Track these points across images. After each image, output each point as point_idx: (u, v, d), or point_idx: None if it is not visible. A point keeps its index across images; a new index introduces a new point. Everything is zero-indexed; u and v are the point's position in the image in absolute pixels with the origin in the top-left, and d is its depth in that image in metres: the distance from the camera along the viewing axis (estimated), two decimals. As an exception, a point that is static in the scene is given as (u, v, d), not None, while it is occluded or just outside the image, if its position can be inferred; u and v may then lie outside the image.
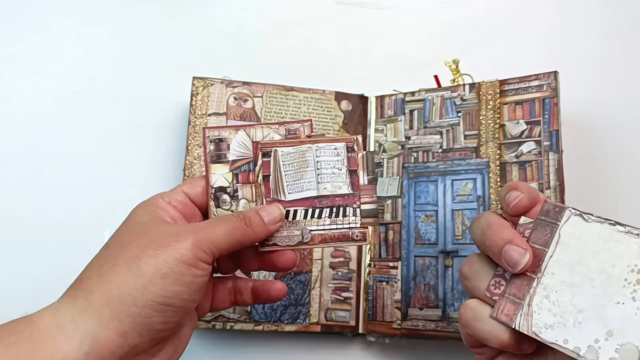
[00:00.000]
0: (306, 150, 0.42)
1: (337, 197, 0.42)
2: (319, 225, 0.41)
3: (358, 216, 0.42)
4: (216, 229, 0.36)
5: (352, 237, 0.41)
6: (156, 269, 0.33)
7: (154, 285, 0.32)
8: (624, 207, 0.59)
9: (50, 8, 0.66)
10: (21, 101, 0.63)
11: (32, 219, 0.59)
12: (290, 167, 0.42)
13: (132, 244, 0.34)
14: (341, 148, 0.42)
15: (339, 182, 0.42)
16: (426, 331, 0.54)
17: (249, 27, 0.67)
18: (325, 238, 0.41)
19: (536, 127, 0.54)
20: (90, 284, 0.33)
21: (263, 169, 0.42)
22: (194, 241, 0.34)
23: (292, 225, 0.41)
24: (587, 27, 0.66)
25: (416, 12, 0.68)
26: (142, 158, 0.62)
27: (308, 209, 0.42)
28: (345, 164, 0.42)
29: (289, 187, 0.42)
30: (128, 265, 0.33)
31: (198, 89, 0.58)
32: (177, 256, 0.33)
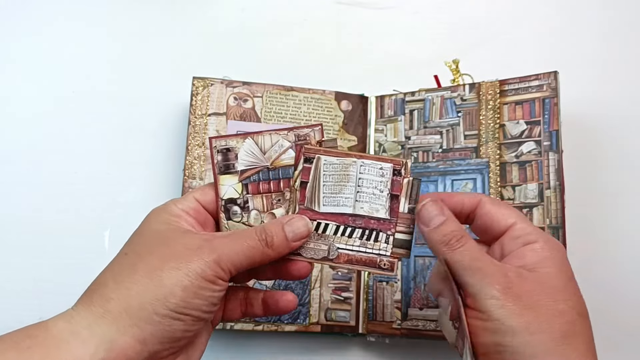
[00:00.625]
0: (350, 165, 0.40)
1: (373, 220, 0.40)
2: (347, 245, 0.40)
3: (390, 244, 0.40)
4: (237, 248, 0.36)
5: (379, 265, 0.40)
6: (178, 281, 0.33)
7: (175, 296, 0.33)
8: (624, 207, 0.59)
9: (50, 8, 0.66)
10: (21, 101, 0.63)
11: (32, 219, 0.59)
12: (331, 178, 0.41)
13: (152, 254, 0.35)
14: (387, 169, 0.40)
15: (377, 205, 0.40)
16: (426, 331, 0.54)
17: (249, 27, 0.67)
18: (351, 259, 0.40)
19: (536, 127, 0.54)
20: (107, 291, 0.34)
21: (302, 175, 0.41)
22: (215, 259, 0.34)
23: (320, 239, 0.40)
24: (587, 27, 0.66)
25: (416, 12, 0.68)
26: (142, 158, 0.62)
27: (340, 226, 0.40)
28: (388, 187, 0.40)
29: (325, 198, 0.40)
30: (149, 275, 0.34)
31: (198, 89, 0.58)
32: (198, 271, 0.34)
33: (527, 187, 0.53)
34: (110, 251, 0.59)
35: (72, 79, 0.64)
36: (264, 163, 0.39)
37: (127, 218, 0.60)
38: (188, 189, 0.56)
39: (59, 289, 0.58)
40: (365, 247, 0.40)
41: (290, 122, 0.59)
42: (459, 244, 0.37)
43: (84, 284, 0.59)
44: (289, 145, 0.39)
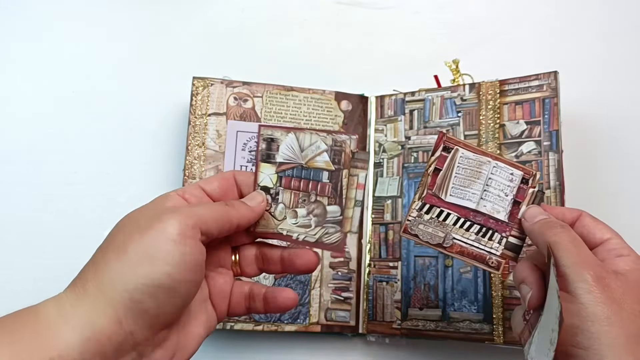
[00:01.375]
0: (484, 163, 0.43)
1: (492, 220, 0.43)
2: (463, 237, 0.42)
3: (502, 245, 0.42)
4: (200, 207, 0.36)
5: (487, 262, 0.42)
6: (143, 251, 0.32)
7: (142, 267, 0.32)
8: (624, 207, 0.59)
9: (50, 8, 0.66)
10: (21, 101, 0.63)
11: (32, 219, 0.59)
12: (463, 171, 0.43)
13: (119, 232, 0.35)
14: (517, 176, 0.43)
15: (499, 206, 0.42)
16: (426, 331, 0.54)
17: (249, 27, 0.67)
18: (463, 251, 0.42)
19: (536, 127, 0.54)
20: (87, 273, 0.34)
21: (438, 162, 0.43)
22: (178, 218, 0.33)
23: (439, 226, 0.43)
24: (587, 27, 0.66)
25: (416, 12, 0.68)
26: (142, 158, 0.62)
27: (460, 218, 0.43)
28: (514, 193, 0.42)
29: (453, 189, 0.43)
30: (116, 252, 0.33)
31: (198, 89, 0.58)
32: (162, 236, 0.33)
33: (527, 187, 0.53)
34: (110, 251, 0.59)
35: (72, 79, 0.64)
36: (300, 160, 0.40)
37: (127, 218, 0.60)
38: (188, 189, 0.56)
39: (59, 289, 0.58)
40: (479, 242, 0.42)
41: (290, 122, 0.59)
42: (562, 230, 0.39)
43: (84, 284, 0.59)
44: (324, 148, 0.40)
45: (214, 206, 0.37)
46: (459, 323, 0.53)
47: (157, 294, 0.32)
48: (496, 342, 0.51)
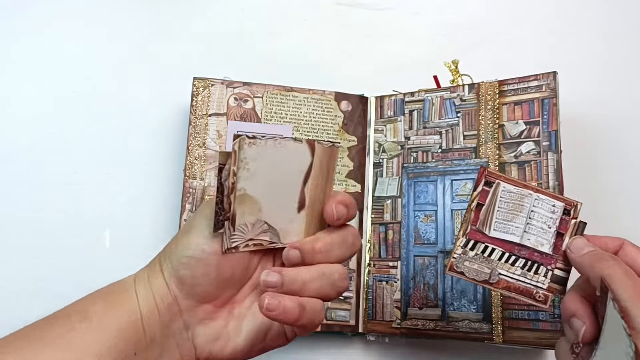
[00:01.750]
0: (526, 196, 0.43)
1: (536, 253, 0.42)
2: (509, 272, 0.42)
3: (548, 278, 0.42)
4: None
5: (534, 296, 0.42)
6: (185, 228, 0.38)
7: (180, 242, 0.37)
8: (624, 207, 0.59)
9: (50, 8, 0.66)
10: (21, 101, 0.63)
11: (32, 219, 0.59)
12: (505, 205, 0.43)
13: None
14: (559, 208, 0.42)
15: (543, 239, 0.42)
16: (426, 330, 0.54)
17: (249, 28, 0.67)
18: (510, 286, 0.42)
19: (535, 127, 0.54)
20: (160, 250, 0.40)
21: (480, 197, 0.43)
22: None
23: (485, 262, 0.42)
24: (587, 27, 0.66)
25: (416, 12, 0.68)
26: (142, 158, 0.62)
27: (505, 252, 0.43)
28: (557, 224, 0.42)
29: (496, 224, 0.43)
30: (175, 236, 0.39)
31: (198, 89, 0.59)
32: (200, 215, 0.37)
33: (527, 187, 0.53)
34: (110, 251, 0.59)
35: (72, 79, 0.64)
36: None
37: (127, 218, 0.60)
38: (189, 189, 0.56)
39: (59, 289, 0.58)
40: (525, 277, 0.42)
41: (291, 123, 0.59)
42: (614, 262, 0.39)
43: (84, 284, 0.59)
44: None
45: None
46: (458, 322, 0.53)
47: (190, 263, 0.36)
48: (495, 341, 0.51)
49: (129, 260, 0.58)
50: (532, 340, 0.50)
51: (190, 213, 0.56)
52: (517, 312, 0.51)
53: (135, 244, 0.59)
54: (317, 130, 0.59)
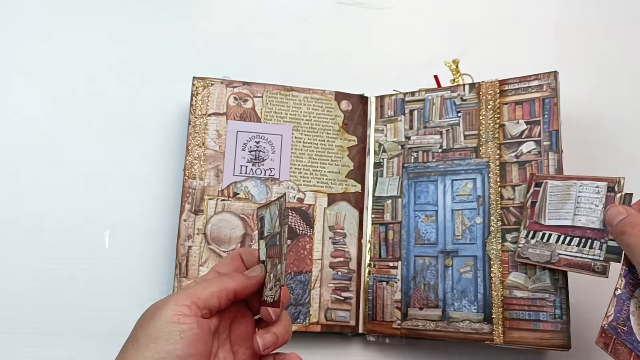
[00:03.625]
0: (571, 185, 0.48)
1: (589, 230, 0.47)
2: (566, 251, 0.48)
3: (603, 250, 0.46)
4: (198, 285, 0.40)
5: (593, 268, 0.46)
6: (148, 335, 0.37)
7: (150, 350, 0.36)
8: (624, 207, 0.59)
9: (51, 9, 0.66)
10: (22, 101, 0.63)
11: (32, 219, 0.59)
12: (555, 197, 0.49)
13: (137, 323, 0.39)
14: (603, 187, 0.47)
15: (593, 217, 0.47)
16: (426, 331, 0.54)
17: (249, 27, 0.67)
18: (569, 263, 0.47)
19: (536, 127, 0.54)
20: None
21: (532, 196, 0.51)
22: (173, 301, 0.38)
23: (545, 246, 0.49)
24: (587, 27, 0.66)
25: (416, 12, 0.68)
26: (142, 158, 0.62)
27: (561, 235, 0.48)
28: (603, 202, 0.46)
29: (549, 214, 0.49)
30: (131, 341, 0.38)
31: (198, 89, 0.59)
32: (162, 319, 0.37)
33: (527, 187, 0.53)
34: (110, 251, 0.59)
35: (72, 79, 0.64)
36: (271, 230, 0.42)
37: (127, 218, 0.60)
38: (188, 188, 0.56)
39: (59, 289, 0.58)
40: (582, 252, 0.47)
41: (290, 122, 0.59)
42: (632, 230, 0.42)
43: (84, 284, 0.59)
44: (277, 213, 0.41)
45: (210, 280, 0.40)
46: (458, 323, 0.53)
47: None
48: (496, 342, 0.51)
49: (129, 260, 0.59)
50: (533, 341, 0.49)
51: (190, 213, 0.56)
52: (517, 313, 0.51)
53: (135, 244, 0.59)
54: (317, 130, 0.59)
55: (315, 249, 0.57)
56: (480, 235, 0.53)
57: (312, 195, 0.58)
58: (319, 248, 0.57)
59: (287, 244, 0.40)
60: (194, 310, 0.38)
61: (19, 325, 0.57)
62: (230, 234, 0.56)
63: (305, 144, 0.59)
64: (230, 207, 0.56)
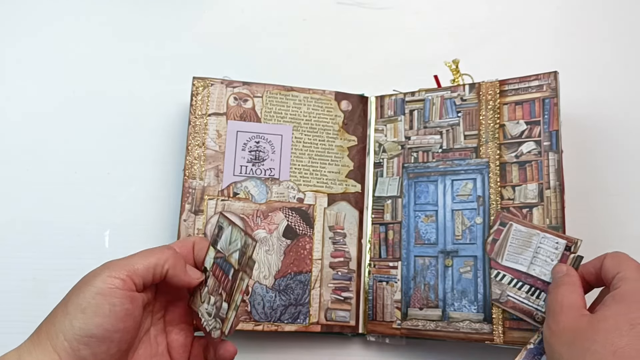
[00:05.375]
0: (534, 235, 0.50)
1: (539, 281, 0.49)
2: (516, 294, 0.50)
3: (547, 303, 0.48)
4: (135, 257, 0.39)
5: (534, 317, 0.49)
6: (77, 305, 0.36)
7: (77, 320, 0.36)
8: (624, 207, 0.59)
9: (50, 8, 0.66)
10: (22, 101, 0.63)
11: (32, 219, 0.59)
12: (516, 241, 0.51)
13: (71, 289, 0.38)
14: (562, 245, 0.49)
15: (546, 270, 0.49)
16: (426, 331, 0.54)
17: (249, 27, 0.67)
18: (515, 306, 0.50)
19: (536, 127, 0.54)
20: (42, 325, 0.38)
21: (495, 234, 0.52)
22: (107, 272, 0.37)
23: (497, 284, 0.51)
24: (587, 27, 0.66)
25: (416, 12, 0.68)
26: (142, 158, 0.62)
27: (514, 279, 0.50)
28: (558, 258, 0.48)
29: (507, 255, 0.51)
30: (61, 307, 0.37)
31: (198, 89, 0.59)
32: (93, 290, 0.37)
33: (527, 187, 0.53)
34: (110, 251, 0.59)
35: (72, 79, 0.64)
36: (224, 252, 0.42)
37: (127, 218, 0.60)
38: (188, 188, 0.56)
39: (59, 289, 0.58)
40: (529, 300, 0.49)
41: (290, 122, 0.59)
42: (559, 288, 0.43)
43: (84, 284, 0.59)
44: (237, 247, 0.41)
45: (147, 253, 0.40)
46: (458, 323, 0.53)
47: (91, 343, 0.36)
48: (496, 342, 0.51)
49: (129, 260, 0.59)
50: (533, 341, 0.50)
51: (190, 213, 0.56)
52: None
53: (135, 244, 0.59)
54: (317, 130, 0.59)
55: (315, 249, 0.57)
56: (480, 235, 0.53)
57: (312, 195, 0.58)
58: (319, 248, 0.57)
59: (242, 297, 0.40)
60: (129, 284, 0.38)
61: (18, 326, 0.57)
62: (230, 234, 0.56)
63: (305, 144, 0.59)
64: (230, 207, 0.56)
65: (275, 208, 0.57)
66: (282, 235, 0.56)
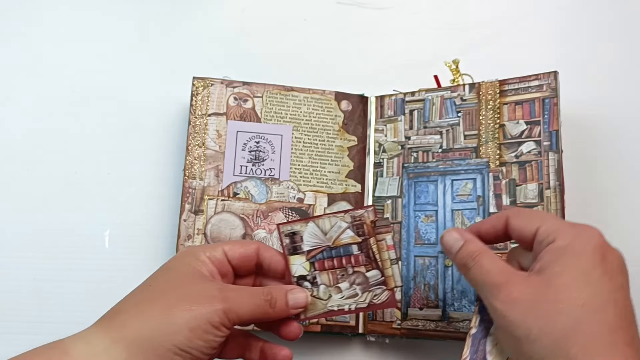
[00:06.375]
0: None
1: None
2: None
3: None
4: (244, 304, 0.39)
5: None
6: (187, 321, 0.36)
7: (182, 335, 0.36)
8: (624, 207, 0.59)
9: (50, 8, 0.66)
10: (21, 101, 0.63)
11: (32, 219, 0.59)
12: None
13: (171, 291, 0.38)
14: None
15: None
16: (426, 331, 0.54)
17: (249, 28, 0.67)
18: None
19: (536, 127, 0.54)
20: (127, 317, 0.37)
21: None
22: (224, 309, 0.38)
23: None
24: (587, 27, 0.66)
25: (416, 12, 0.68)
26: (142, 158, 0.62)
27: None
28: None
29: None
30: (165, 311, 0.37)
31: (198, 89, 0.59)
32: (207, 317, 0.37)
33: (527, 187, 0.53)
34: (110, 251, 0.59)
35: (72, 78, 0.64)
36: (326, 243, 0.43)
37: (127, 218, 0.60)
38: (188, 189, 0.56)
39: (59, 289, 0.58)
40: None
41: (290, 122, 0.59)
42: (472, 262, 0.40)
43: (83, 284, 0.59)
44: (346, 225, 0.43)
45: (257, 304, 0.40)
46: (459, 323, 0.53)
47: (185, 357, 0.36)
48: (496, 342, 0.51)
49: (129, 260, 0.59)
50: (533, 341, 0.49)
51: (190, 213, 0.56)
52: (517, 313, 0.51)
53: (135, 244, 0.59)
54: (317, 130, 0.59)
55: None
56: (480, 235, 0.53)
57: (312, 195, 0.58)
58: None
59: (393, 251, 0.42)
60: (232, 324, 0.39)
61: (18, 326, 0.57)
62: (230, 234, 0.56)
63: (305, 144, 0.59)
64: (230, 207, 0.56)
65: (275, 208, 0.57)
66: (282, 235, 0.56)
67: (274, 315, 0.41)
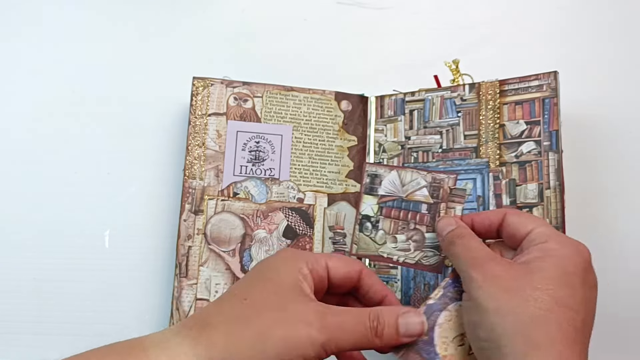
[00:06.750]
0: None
1: None
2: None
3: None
4: (346, 334, 0.36)
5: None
6: (279, 354, 0.34)
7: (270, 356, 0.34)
8: (624, 207, 0.59)
9: (50, 8, 0.66)
10: (21, 101, 0.63)
11: (32, 219, 0.59)
12: None
13: (267, 311, 0.36)
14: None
15: None
16: (426, 331, 0.54)
17: (249, 27, 0.67)
18: None
19: (536, 127, 0.54)
20: (216, 335, 0.35)
21: None
22: (322, 343, 0.35)
23: None
24: (587, 27, 0.66)
25: (416, 12, 0.68)
26: (142, 158, 0.62)
27: None
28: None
29: None
30: (259, 336, 0.34)
31: (198, 89, 0.59)
32: (302, 351, 0.34)
33: (527, 187, 0.53)
34: (110, 251, 0.59)
35: (72, 78, 0.64)
36: (401, 194, 0.45)
37: (127, 218, 0.60)
38: (188, 189, 0.56)
39: (59, 289, 0.58)
40: None
41: (290, 122, 0.59)
42: (460, 240, 0.42)
43: (84, 284, 0.59)
44: (424, 184, 0.45)
45: (357, 326, 0.36)
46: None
47: None
48: (496, 342, 0.51)
49: (129, 260, 0.59)
50: (533, 341, 0.49)
51: (190, 213, 0.56)
52: (517, 313, 0.51)
53: (135, 244, 0.59)
54: (317, 130, 0.59)
55: (315, 249, 0.57)
56: (480, 235, 0.53)
57: (312, 195, 0.58)
58: (319, 248, 0.57)
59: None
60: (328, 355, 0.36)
61: (18, 326, 0.57)
62: (230, 234, 0.56)
63: (305, 144, 0.59)
64: (230, 207, 0.56)
65: (275, 208, 0.57)
66: (282, 236, 0.56)
67: (379, 346, 0.37)
